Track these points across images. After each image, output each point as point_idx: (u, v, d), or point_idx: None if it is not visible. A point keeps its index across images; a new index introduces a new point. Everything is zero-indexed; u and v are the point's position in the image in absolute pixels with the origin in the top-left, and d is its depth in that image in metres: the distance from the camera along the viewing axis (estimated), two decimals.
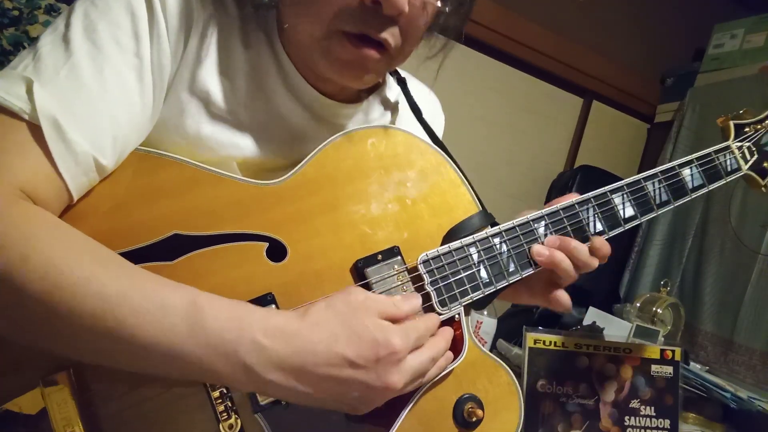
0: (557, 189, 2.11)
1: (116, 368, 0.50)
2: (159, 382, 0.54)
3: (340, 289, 0.59)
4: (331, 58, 0.62)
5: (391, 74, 0.82)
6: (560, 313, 1.69)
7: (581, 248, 0.69)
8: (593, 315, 1.52)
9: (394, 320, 0.55)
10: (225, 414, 0.55)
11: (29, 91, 0.50)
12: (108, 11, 0.56)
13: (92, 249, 0.49)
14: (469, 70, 1.97)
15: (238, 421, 0.55)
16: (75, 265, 0.46)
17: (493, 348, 1.49)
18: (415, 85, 0.85)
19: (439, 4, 0.62)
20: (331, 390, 0.51)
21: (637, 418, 0.99)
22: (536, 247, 0.69)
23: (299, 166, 0.64)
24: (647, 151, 2.33)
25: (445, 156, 0.71)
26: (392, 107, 0.82)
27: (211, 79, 0.63)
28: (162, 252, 0.56)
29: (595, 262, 0.70)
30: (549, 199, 2.15)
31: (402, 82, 0.80)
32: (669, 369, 1.02)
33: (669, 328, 1.50)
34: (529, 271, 0.69)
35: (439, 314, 0.64)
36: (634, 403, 1.00)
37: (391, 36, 0.60)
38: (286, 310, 0.54)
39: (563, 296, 0.72)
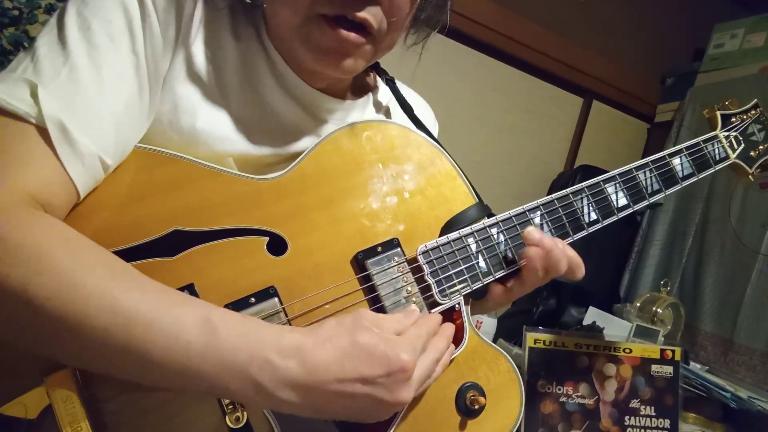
0: (557, 189, 2.10)
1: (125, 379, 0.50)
2: None
3: (340, 278, 0.62)
4: (310, 45, 0.61)
5: (379, 76, 0.82)
6: (560, 312, 1.69)
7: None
8: (593, 315, 1.52)
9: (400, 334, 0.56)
10: (231, 406, 0.55)
11: (33, 95, 0.50)
12: (100, 8, 0.56)
13: (105, 262, 0.49)
14: (469, 70, 1.97)
15: (245, 413, 0.55)
16: (88, 279, 0.46)
17: None
18: (408, 93, 0.86)
19: None
20: (342, 405, 0.51)
21: (637, 418, 1.00)
22: (528, 229, 0.69)
23: (297, 161, 0.64)
24: (647, 151, 2.33)
25: (440, 148, 0.72)
26: (385, 109, 0.82)
27: (202, 73, 0.63)
28: (163, 248, 0.56)
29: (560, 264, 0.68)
30: None
31: (391, 82, 0.80)
32: (669, 369, 1.02)
33: (669, 328, 1.50)
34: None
35: (440, 304, 0.65)
36: (634, 403, 1.00)
37: (371, 16, 0.59)
38: (297, 327, 0.54)
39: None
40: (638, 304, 1.56)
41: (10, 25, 1.38)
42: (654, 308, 1.52)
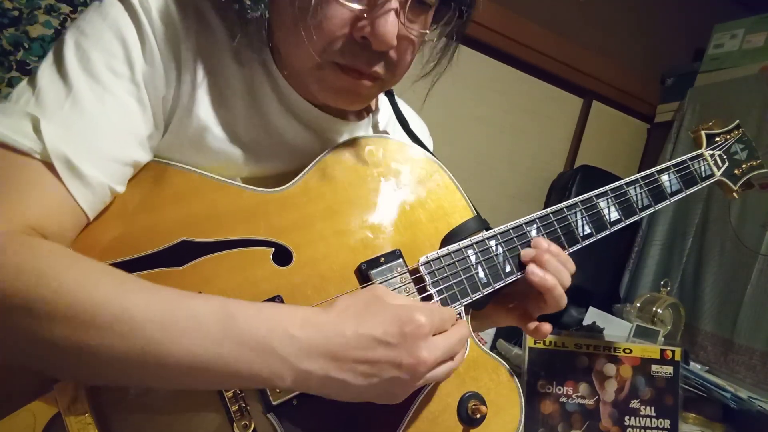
0: (557, 189, 2.12)
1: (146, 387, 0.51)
2: None
3: (344, 288, 0.63)
4: (324, 86, 0.63)
5: None
6: (560, 312, 1.69)
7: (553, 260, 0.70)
8: (593, 315, 1.53)
9: None
10: (239, 414, 0.55)
11: (36, 130, 0.50)
12: (99, 40, 0.56)
13: (109, 272, 0.49)
14: (469, 70, 1.96)
15: (252, 421, 0.56)
16: (94, 289, 0.45)
17: (493, 348, 1.50)
18: (405, 109, 0.87)
19: (428, 32, 0.62)
20: (366, 373, 0.51)
21: (637, 418, 1.00)
22: (530, 267, 0.70)
23: (301, 174, 0.66)
24: (647, 151, 2.34)
25: (439, 163, 0.74)
26: (384, 130, 0.83)
27: (206, 101, 0.63)
28: (171, 258, 0.57)
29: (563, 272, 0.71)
30: (549, 199, 2.16)
31: (390, 94, 0.81)
32: (669, 369, 1.03)
33: (669, 328, 1.51)
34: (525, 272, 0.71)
35: None
36: (634, 403, 1.01)
37: (381, 69, 0.61)
38: (310, 306, 0.56)
39: (545, 326, 0.75)
40: (638, 305, 1.56)
41: (10, 25, 1.38)
42: (654, 308, 1.52)
